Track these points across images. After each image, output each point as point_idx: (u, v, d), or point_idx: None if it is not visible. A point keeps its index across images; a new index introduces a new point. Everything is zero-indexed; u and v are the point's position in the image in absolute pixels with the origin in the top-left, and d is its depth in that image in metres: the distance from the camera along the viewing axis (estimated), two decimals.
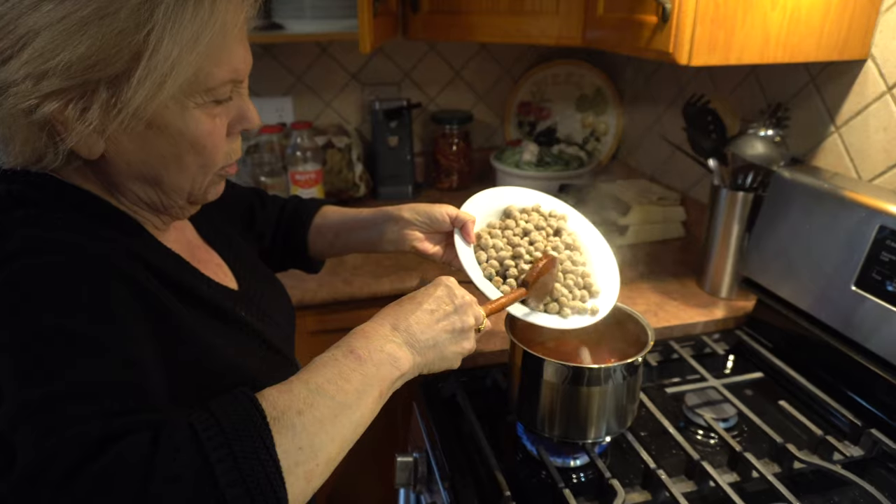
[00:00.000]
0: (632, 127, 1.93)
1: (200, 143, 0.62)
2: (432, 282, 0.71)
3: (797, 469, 0.89)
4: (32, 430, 0.46)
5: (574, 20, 1.34)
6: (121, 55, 0.54)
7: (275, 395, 0.53)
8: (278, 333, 0.79)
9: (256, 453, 0.48)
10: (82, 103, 0.56)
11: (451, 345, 0.69)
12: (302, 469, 0.51)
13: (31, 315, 0.50)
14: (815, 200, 1.09)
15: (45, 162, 0.59)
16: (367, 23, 1.30)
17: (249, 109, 0.67)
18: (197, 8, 0.57)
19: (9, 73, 0.53)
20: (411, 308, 0.67)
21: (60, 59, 0.53)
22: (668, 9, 1.00)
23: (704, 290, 1.35)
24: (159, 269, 0.63)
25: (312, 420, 0.52)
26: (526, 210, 0.94)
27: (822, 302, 1.07)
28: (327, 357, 0.59)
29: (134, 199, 0.66)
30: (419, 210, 0.88)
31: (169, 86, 0.57)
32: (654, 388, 1.09)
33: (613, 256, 0.92)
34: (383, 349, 0.62)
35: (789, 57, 1.05)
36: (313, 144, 1.73)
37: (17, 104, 0.54)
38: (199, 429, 0.47)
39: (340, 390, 0.56)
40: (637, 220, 1.59)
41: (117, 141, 0.59)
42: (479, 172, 2.06)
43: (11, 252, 0.53)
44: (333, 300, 1.35)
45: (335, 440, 0.54)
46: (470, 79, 2.01)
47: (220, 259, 0.81)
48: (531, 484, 0.89)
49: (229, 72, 0.62)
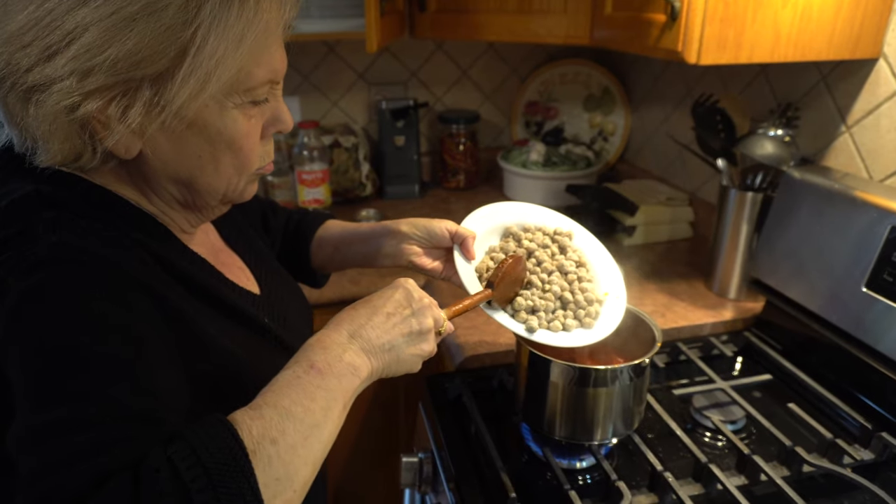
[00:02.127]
0: (640, 127, 1.92)
1: (237, 144, 0.62)
2: (391, 284, 0.70)
3: (806, 472, 0.88)
4: (29, 466, 0.46)
5: (582, 19, 1.33)
6: (166, 52, 0.54)
7: (248, 423, 0.51)
8: (297, 338, 0.79)
9: (241, 493, 0.46)
10: (125, 101, 0.55)
11: (408, 347, 0.67)
12: (280, 499, 0.50)
13: (50, 331, 0.49)
14: (825, 201, 1.08)
15: (83, 161, 0.59)
16: (374, 22, 1.30)
17: (284, 111, 0.67)
18: (242, 6, 0.56)
19: (54, 70, 0.52)
20: (367, 313, 0.65)
21: (107, 55, 0.52)
22: (676, 7, 0.99)
23: (713, 291, 1.33)
24: (185, 274, 0.62)
25: (286, 448, 0.51)
26: (529, 228, 0.92)
27: (833, 303, 1.06)
28: (289, 375, 0.57)
29: (167, 199, 0.65)
30: (418, 225, 0.87)
31: (212, 85, 0.56)
32: (661, 389, 1.08)
33: (619, 271, 0.91)
34: (342, 359, 0.60)
35: (800, 56, 1.04)
36: (320, 144, 1.73)
37: (60, 101, 0.53)
38: (182, 468, 0.46)
39: (308, 411, 0.54)
40: (645, 220, 1.58)
41: (155, 141, 0.59)
42: (485, 172, 2.06)
43: (39, 259, 0.52)
44: (341, 300, 1.36)
45: (307, 463, 0.53)
46: (477, 78, 2.01)
47: (242, 262, 0.81)
48: (537, 485, 0.89)
49: (268, 72, 0.62)
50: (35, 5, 0.51)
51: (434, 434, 1.01)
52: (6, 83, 0.54)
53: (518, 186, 1.86)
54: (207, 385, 0.59)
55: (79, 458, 0.45)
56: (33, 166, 0.59)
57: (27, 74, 0.53)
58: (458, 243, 0.85)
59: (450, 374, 1.12)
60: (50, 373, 0.48)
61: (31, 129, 0.56)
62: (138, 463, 0.46)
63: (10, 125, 0.59)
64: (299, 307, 0.88)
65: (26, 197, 0.57)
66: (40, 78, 0.53)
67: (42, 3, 0.51)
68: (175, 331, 0.57)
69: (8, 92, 0.55)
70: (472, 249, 0.84)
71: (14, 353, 0.50)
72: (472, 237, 0.85)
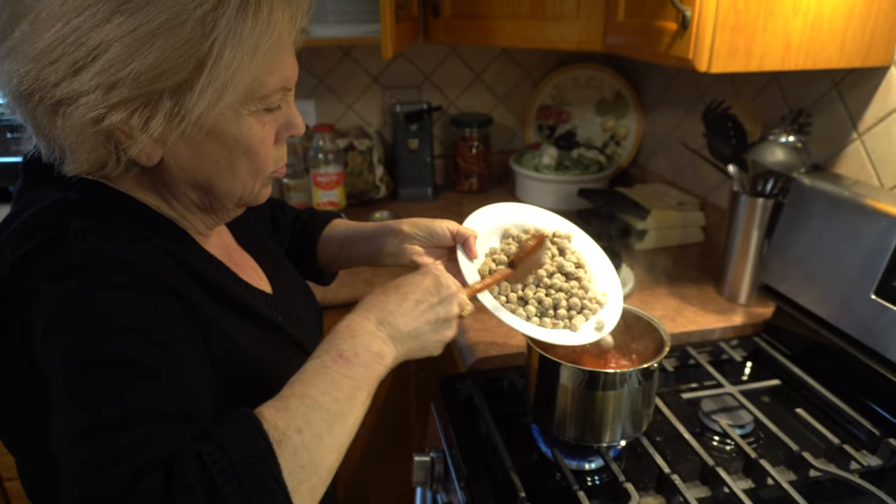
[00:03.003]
0: (652, 131, 1.93)
1: (253, 150, 0.64)
2: (420, 270, 0.73)
3: (813, 477, 0.89)
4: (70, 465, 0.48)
5: (594, 25, 1.35)
6: (185, 65, 0.56)
7: (274, 415, 0.53)
8: (309, 337, 0.81)
9: (265, 483, 0.49)
10: (147, 112, 0.57)
11: (433, 334, 0.70)
12: (306, 486, 0.52)
13: (82, 336, 0.52)
14: (835, 208, 1.08)
15: (107, 170, 0.61)
16: (389, 29, 1.32)
17: (296, 116, 0.69)
18: (256, 18, 0.59)
19: (80, 84, 0.55)
20: (397, 300, 0.68)
21: (130, 69, 0.55)
22: (688, 16, 1.00)
23: (723, 296, 1.34)
24: (203, 275, 0.65)
25: (311, 436, 0.54)
26: (528, 230, 0.93)
27: (842, 310, 1.06)
28: (317, 364, 0.60)
29: (186, 203, 0.68)
30: (419, 224, 0.89)
31: (229, 94, 0.59)
32: (669, 393, 1.09)
33: (617, 275, 0.92)
34: (370, 348, 0.63)
35: (811, 63, 1.05)
36: (335, 147, 1.76)
37: (86, 113, 0.56)
38: (209, 462, 0.48)
39: (334, 400, 0.57)
40: (656, 224, 1.59)
41: (175, 148, 0.61)
42: (498, 175, 2.07)
43: (72, 265, 0.54)
44: (354, 300, 1.37)
45: (333, 450, 0.56)
46: (490, 82, 2.02)
47: (254, 262, 0.83)
48: (546, 486, 0.90)
49: (281, 80, 0.64)
50: (62, 23, 0.54)
51: (446, 434, 1.02)
52: (35, 97, 0.56)
53: (530, 190, 1.87)
54: (228, 383, 0.61)
55: (118, 459, 0.47)
56: (60, 175, 0.61)
57: (55, 89, 0.55)
58: (459, 243, 0.86)
59: (461, 375, 1.14)
60: (88, 376, 0.51)
61: (58, 140, 0.59)
62: (170, 460, 0.48)
63: (38, 136, 0.61)
64: (310, 306, 0.90)
65: (55, 204, 0.60)
66: (67, 92, 0.55)
67: (69, 21, 0.54)
68: (200, 331, 0.59)
69: (37, 105, 0.57)
70: (474, 249, 0.85)
71: (53, 357, 0.52)
72: (473, 237, 0.86)
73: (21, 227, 0.59)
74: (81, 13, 0.54)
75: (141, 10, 0.54)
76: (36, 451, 0.62)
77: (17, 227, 0.59)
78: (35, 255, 0.56)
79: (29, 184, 0.66)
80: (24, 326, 0.54)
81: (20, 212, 0.61)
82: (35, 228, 0.58)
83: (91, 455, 0.48)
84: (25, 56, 0.55)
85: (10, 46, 0.55)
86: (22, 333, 0.55)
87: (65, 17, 0.54)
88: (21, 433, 0.62)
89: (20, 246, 0.57)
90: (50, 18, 0.54)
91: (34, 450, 0.62)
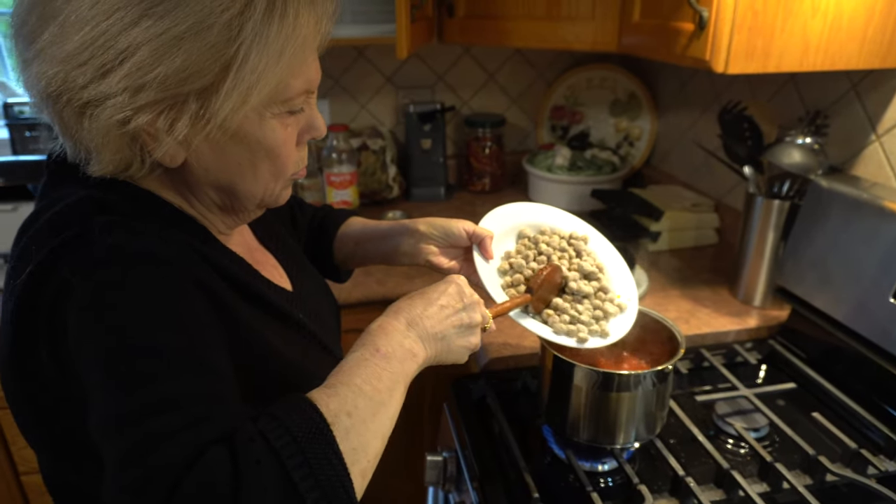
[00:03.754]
0: (666, 132, 1.92)
1: (275, 152, 0.65)
2: (444, 279, 0.74)
3: (829, 482, 0.89)
4: (120, 449, 0.48)
5: (610, 26, 1.34)
6: (212, 68, 0.57)
7: (326, 399, 0.55)
8: (328, 334, 0.82)
9: (328, 458, 0.51)
10: (172, 115, 0.58)
11: (459, 339, 0.72)
12: (358, 468, 0.54)
13: (118, 326, 0.52)
14: (853, 210, 1.07)
15: (132, 171, 0.62)
16: (404, 29, 1.32)
17: (318, 119, 0.70)
18: (282, 23, 0.59)
19: (108, 86, 0.55)
20: (423, 304, 0.70)
21: (158, 72, 0.55)
22: (705, 16, 1.00)
23: (737, 299, 1.33)
24: (226, 272, 0.65)
25: (359, 421, 0.55)
26: (544, 231, 0.93)
27: (859, 313, 1.05)
28: (358, 357, 0.62)
29: (207, 204, 0.69)
30: (436, 224, 0.89)
31: (254, 97, 0.59)
32: (683, 395, 1.09)
33: (632, 278, 0.92)
34: (403, 345, 0.65)
35: (829, 65, 1.04)
36: (348, 146, 1.76)
37: (112, 115, 0.56)
38: (272, 438, 0.49)
39: (376, 390, 0.59)
40: (670, 226, 1.58)
41: (199, 150, 0.62)
42: (511, 176, 2.07)
43: (99, 259, 0.55)
44: (367, 300, 1.38)
45: (377, 436, 0.57)
46: (503, 82, 2.02)
47: (274, 260, 0.84)
48: (559, 487, 0.90)
49: (305, 83, 0.64)
50: (91, 26, 0.54)
51: (458, 434, 1.03)
52: (63, 98, 0.57)
53: (543, 190, 1.87)
54: (252, 377, 0.61)
55: (170, 437, 0.48)
56: (84, 173, 0.62)
57: (83, 91, 0.56)
58: (476, 243, 0.86)
59: (474, 375, 1.14)
60: (126, 363, 0.51)
61: (84, 141, 0.60)
62: (229, 437, 0.49)
63: (64, 137, 0.62)
64: (328, 303, 0.90)
65: (80, 201, 0.61)
66: (95, 94, 0.56)
67: (97, 24, 0.54)
68: (224, 322, 0.60)
69: (64, 107, 0.58)
70: (490, 249, 0.86)
71: (88, 349, 0.53)
72: (489, 237, 0.86)
73: (47, 224, 0.60)
74: (110, 16, 0.54)
75: (169, 14, 0.55)
76: (59, 446, 0.63)
77: (42, 224, 0.60)
78: (62, 252, 0.56)
79: (53, 182, 0.67)
80: (51, 323, 0.55)
81: (45, 209, 0.62)
82: (61, 225, 0.59)
83: (144, 436, 0.48)
84: (54, 58, 0.55)
85: (39, 48, 0.56)
86: (50, 330, 0.55)
87: (94, 20, 0.54)
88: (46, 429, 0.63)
89: (47, 243, 0.57)
90: (79, 21, 0.54)
91: (56, 444, 0.63)
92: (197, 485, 0.46)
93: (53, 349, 0.56)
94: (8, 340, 0.59)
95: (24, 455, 1.49)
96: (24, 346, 0.58)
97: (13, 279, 0.59)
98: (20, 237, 0.63)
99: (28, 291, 0.57)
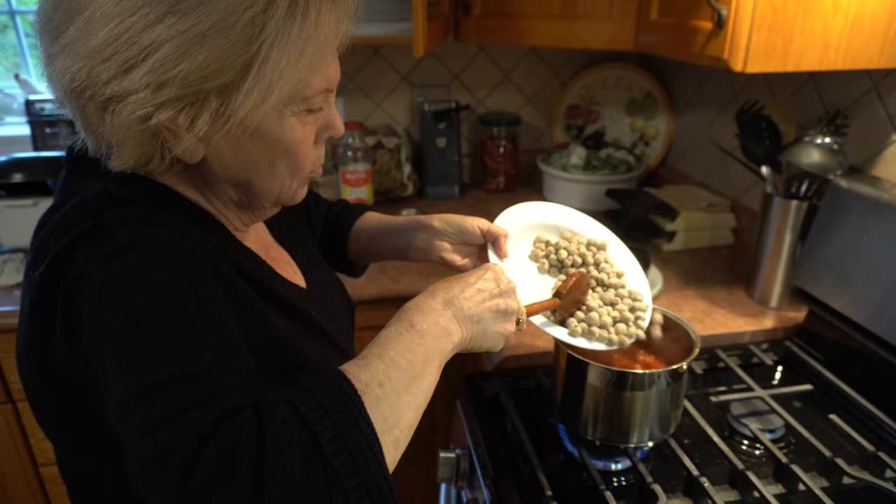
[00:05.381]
0: (682, 132, 1.91)
1: (293, 150, 0.66)
2: (481, 266, 0.75)
3: (846, 484, 0.88)
4: (145, 419, 0.48)
5: (627, 25, 1.34)
6: (233, 66, 0.57)
7: (356, 370, 0.55)
8: (341, 332, 0.82)
9: (355, 422, 0.51)
10: (193, 111, 0.59)
11: (494, 324, 0.71)
12: (389, 437, 0.54)
13: (135, 306, 0.53)
14: (873, 210, 1.06)
15: (152, 166, 0.63)
16: (421, 27, 1.32)
17: (336, 118, 0.70)
18: (304, 22, 0.60)
19: (131, 82, 0.56)
20: (460, 286, 0.70)
21: (180, 69, 0.56)
22: (723, 15, 0.99)
23: (753, 300, 1.32)
24: (241, 267, 0.66)
25: (392, 391, 0.56)
26: (562, 233, 0.92)
27: (878, 314, 1.04)
28: (392, 332, 0.63)
29: (224, 200, 0.70)
30: (450, 221, 0.89)
31: (274, 96, 0.60)
32: (698, 395, 1.08)
33: (647, 283, 0.91)
34: (438, 323, 0.65)
35: (850, 64, 1.03)
36: (364, 144, 1.77)
37: (134, 111, 0.57)
38: (298, 403, 0.50)
39: (410, 363, 0.59)
40: (685, 226, 1.57)
41: (218, 146, 0.63)
42: (525, 175, 2.07)
43: (116, 248, 0.56)
44: (380, 297, 1.39)
45: (411, 407, 0.58)
46: (519, 81, 2.02)
47: (289, 257, 0.84)
48: (572, 485, 0.90)
49: (324, 81, 0.65)
50: (115, 22, 0.55)
51: (471, 431, 1.03)
52: (86, 94, 0.58)
53: (558, 190, 1.87)
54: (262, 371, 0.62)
55: (195, 406, 0.48)
56: (103, 168, 0.63)
57: (106, 86, 0.57)
58: (490, 241, 0.86)
59: (487, 373, 1.14)
60: (146, 340, 0.52)
61: (106, 136, 0.61)
62: (255, 404, 0.49)
63: (86, 132, 0.63)
64: (342, 302, 0.91)
65: (97, 195, 0.62)
66: (118, 90, 0.57)
67: (122, 20, 0.55)
68: (239, 311, 0.60)
69: (87, 102, 0.59)
70: (504, 248, 0.85)
71: (106, 331, 0.53)
72: (504, 235, 0.85)
73: (65, 217, 0.61)
74: (135, 13, 0.55)
75: (193, 12, 0.55)
76: (73, 434, 0.64)
77: (60, 216, 0.61)
78: (79, 243, 0.57)
79: (72, 176, 0.68)
80: (67, 311, 0.56)
81: (64, 202, 0.63)
82: (79, 217, 0.60)
83: (167, 404, 0.48)
84: (78, 53, 0.56)
85: (63, 43, 0.57)
86: (65, 318, 0.56)
87: (118, 17, 0.55)
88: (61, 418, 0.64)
89: (64, 234, 0.58)
90: (104, 17, 0.55)
91: (71, 432, 0.64)
92: (222, 446, 0.46)
93: (69, 337, 0.56)
94: (26, 330, 0.60)
95: (42, 447, 1.51)
96: (41, 335, 0.59)
97: (32, 270, 0.60)
98: (39, 230, 0.64)
99: (45, 282, 0.57)
